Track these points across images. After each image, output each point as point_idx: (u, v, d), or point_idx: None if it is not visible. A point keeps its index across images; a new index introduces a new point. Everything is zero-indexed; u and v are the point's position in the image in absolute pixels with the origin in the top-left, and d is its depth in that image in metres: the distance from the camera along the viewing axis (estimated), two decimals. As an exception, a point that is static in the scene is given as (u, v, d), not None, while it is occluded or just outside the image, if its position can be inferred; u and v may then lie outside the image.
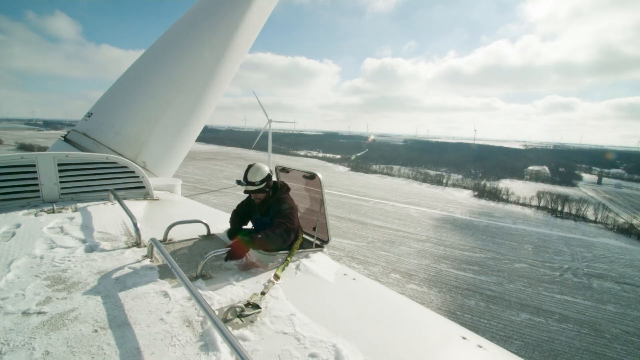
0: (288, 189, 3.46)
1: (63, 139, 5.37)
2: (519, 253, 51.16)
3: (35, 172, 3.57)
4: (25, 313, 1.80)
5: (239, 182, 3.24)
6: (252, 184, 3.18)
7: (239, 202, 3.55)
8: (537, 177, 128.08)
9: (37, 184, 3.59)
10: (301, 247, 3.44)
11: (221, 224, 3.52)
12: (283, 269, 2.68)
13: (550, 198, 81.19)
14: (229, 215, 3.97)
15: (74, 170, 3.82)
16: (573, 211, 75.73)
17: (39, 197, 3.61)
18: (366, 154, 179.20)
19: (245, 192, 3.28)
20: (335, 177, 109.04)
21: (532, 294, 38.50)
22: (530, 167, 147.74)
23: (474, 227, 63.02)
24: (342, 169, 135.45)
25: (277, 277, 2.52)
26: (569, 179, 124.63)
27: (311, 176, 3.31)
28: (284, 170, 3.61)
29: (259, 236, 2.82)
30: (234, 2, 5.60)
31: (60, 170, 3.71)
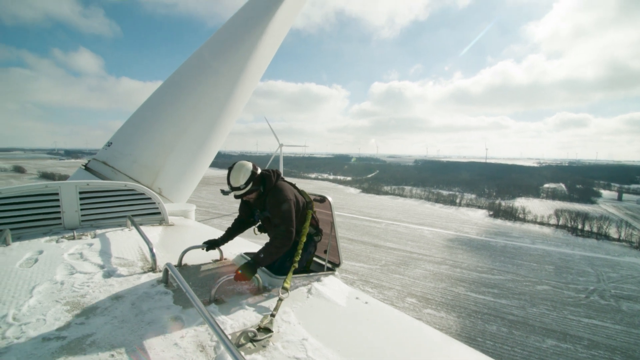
0: (278, 175, 3.23)
1: (84, 167, 5.61)
2: (540, 274, 49.15)
3: (58, 200, 3.74)
4: (46, 338, 1.85)
5: (223, 192, 3.02)
6: (238, 188, 2.97)
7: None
8: (553, 195, 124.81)
9: (59, 212, 3.74)
10: (312, 269, 3.44)
11: (234, 248, 3.57)
12: (290, 280, 2.66)
13: (569, 216, 78.66)
14: (241, 240, 3.99)
15: (94, 197, 3.97)
16: (594, 229, 73.00)
17: (60, 224, 3.75)
18: (377, 175, 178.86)
19: (235, 197, 3.07)
20: (346, 199, 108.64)
21: (557, 318, 36.61)
22: (546, 185, 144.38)
23: (490, 248, 61.21)
24: (353, 190, 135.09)
25: (285, 289, 2.51)
26: (588, 196, 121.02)
27: (321, 199, 3.36)
28: None
29: (261, 255, 2.77)
30: (247, 35, 5.91)
31: (81, 198, 3.87)
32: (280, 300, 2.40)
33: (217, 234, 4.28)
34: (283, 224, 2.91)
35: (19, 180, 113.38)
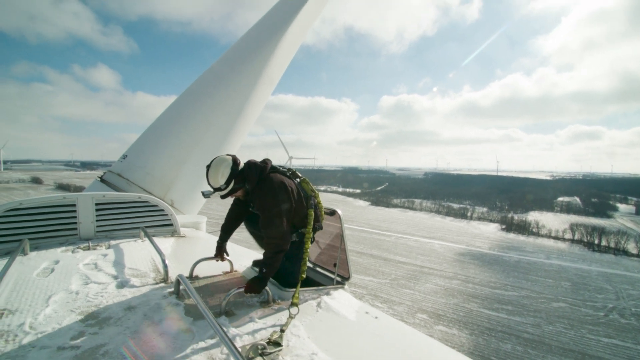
0: (262, 168, 2.81)
1: (99, 179, 5.77)
2: (556, 291, 47.62)
3: (75, 211, 3.85)
4: (61, 348, 1.89)
5: (204, 194, 2.75)
6: (219, 189, 2.66)
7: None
8: (568, 209, 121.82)
9: (75, 222, 3.85)
10: (321, 282, 3.42)
11: (244, 260, 3.59)
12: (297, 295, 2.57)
13: (585, 230, 76.45)
14: (251, 252, 4.00)
15: (110, 209, 4.08)
16: (612, 244, 70.71)
17: (76, 234, 3.85)
18: (386, 188, 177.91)
19: (222, 197, 2.75)
20: (355, 212, 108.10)
21: (575, 337, 35.23)
22: (560, 198, 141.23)
23: (503, 263, 59.76)
24: (363, 203, 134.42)
25: (294, 305, 2.46)
26: (604, 210, 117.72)
27: (331, 212, 3.37)
28: None
29: (264, 270, 2.62)
30: (259, 52, 6.09)
31: (97, 210, 3.98)
32: (291, 317, 2.36)
33: (229, 245, 4.32)
34: (266, 231, 2.67)
35: (36, 190, 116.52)
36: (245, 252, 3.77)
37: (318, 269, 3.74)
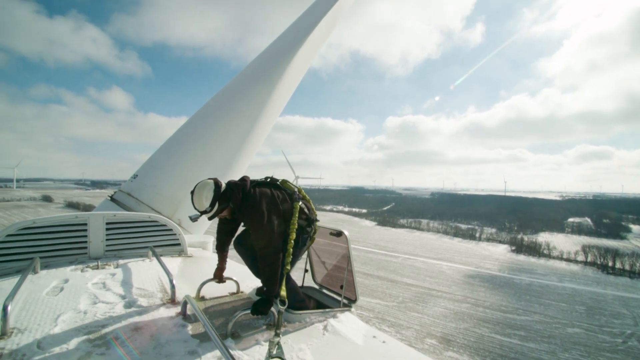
0: (242, 186, 2.90)
1: (110, 198, 5.86)
2: (570, 316, 45.90)
3: (86, 230, 3.91)
4: (68, 368, 1.90)
5: (192, 219, 2.78)
6: (205, 212, 2.74)
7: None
8: (579, 230, 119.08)
9: (86, 241, 3.90)
10: (327, 305, 3.39)
11: (250, 281, 3.58)
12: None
13: (598, 252, 74.40)
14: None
15: (119, 228, 4.13)
16: (627, 267, 68.54)
17: (86, 253, 3.90)
18: (393, 208, 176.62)
19: (209, 219, 2.84)
20: (361, 232, 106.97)
21: (592, 365, 33.65)
22: (571, 219, 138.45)
23: (514, 286, 58.08)
24: (369, 223, 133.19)
25: (282, 302, 2.46)
26: (616, 231, 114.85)
27: (338, 233, 3.38)
28: None
29: (265, 289, 2.67)
30: (268, 76, 6.29)
31: (107, 229, 4.03)
32: (280, 313, 2.39)
33: (234, 266, 4.32)
34: (257, 242, 2.75)
35: (46, 209, 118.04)
36: (251, 274, 3.77)
37: (325, 291, 3.71)
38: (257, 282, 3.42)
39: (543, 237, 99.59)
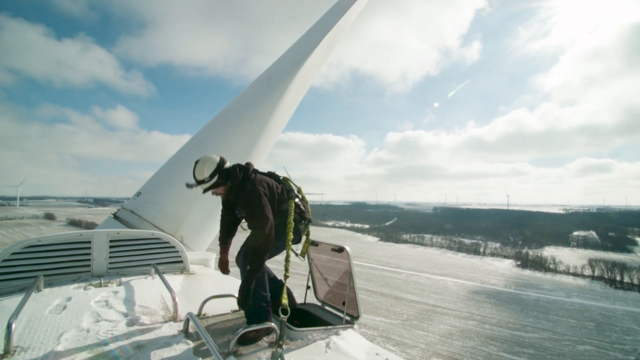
0: (245, 169, 3.01)
1: (113, 216, 5.91)
2: (580, 332, 44.73)
3: (90, 247, 3.93)
4: (71, 386, 1.89)
5: (188, 185, 2.87)
6: (202, 182, 2.82)
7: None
8: (585, 244, 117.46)
9: (89, 259, 3.92)
10: (329, 322, 3.37)
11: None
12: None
13: (606, 266, 73.15)
14: None
15: (123, 246, 4.16)
16: (635, 281, 67.15)
17: (89, 271, 3.91)
18: (395, 223, 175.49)
19: (204, 192, 2.92)
20: (364, 248, 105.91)
21: (605, 384, 32.55)
22: (576, 233, 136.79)
23: (521, 302, 56.93)
24: (371, 238, 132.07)
25: (284, 311, 2.51)
26: (622, 244, 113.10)
27: (339, 249, 3.39)
28: (313, 243, 3.73)
29: (248, 267, 2.72)
30: (270, 94, 6.45)
31: (111, 246, 4.06)
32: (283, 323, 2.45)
33: (236, 283, 4.31)
34: (250, 222, 2.78)
35: (48, 227, 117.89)
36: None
37: (327, 307, 3.69)
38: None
39: (548, 251, 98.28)
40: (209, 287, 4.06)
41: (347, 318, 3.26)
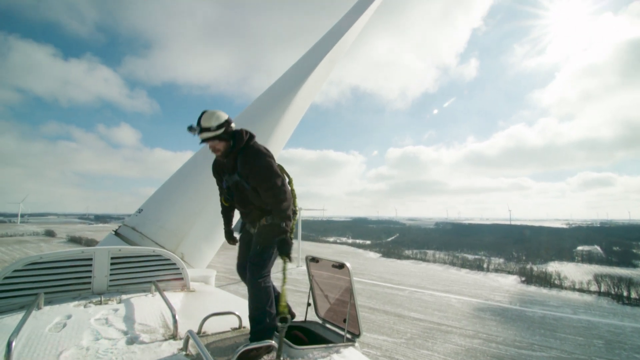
0: (251, 135, 2.99)
1: (114, 233, 5.92)
2: (589, 350, 43.50)
3: (91, 265, 3.94)
4: (71, 406, 1.88)
5: (190, 128, 2.79)
6: (207, 129, 2.75)
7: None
8: (589, 258, 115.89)
9: (90, 277, 3.92)
10: (329, 339, 3.33)
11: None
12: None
13: (612, 282, 71.86)
14: None
15: (124, 263, 4.16)
16: (643, 297, 65.88)
17: (89, 288, 3.90)
18: (397, 239, 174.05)
19: (202, 140, 2.83)
20: (366, 264, 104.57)
21: (617, 405, 31.41)
22: (580, 247, 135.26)
23: (527, 319, 55.66)
24: (373, 254, 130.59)
25: (283, 320, 2.53)
26: (628, 259, 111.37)
27: (340, 266, 3.39)
28: (314, 259, 3.73)
29: (284, 225, 2.77)
30: (271, 113, 6.56)
31: (112, 264, 4.06)
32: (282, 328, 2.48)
33: (236, 300, 4.28)
34: (270, 182, 2.75)
35: (48, 244, 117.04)
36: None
37: (327, 325, 3.66)
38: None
39: (553, 267, 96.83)
40: (210, 304, 4.03)
41: (348, 336, 3.23)
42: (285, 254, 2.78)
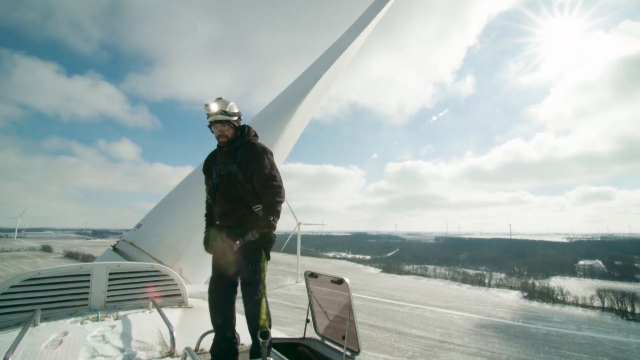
0: (256, 134, 3.15)
1: (112, 248, 5.87)
2: (594, 368, 42.60)
3: (89, 280, 3.90)
4: None
5: (207, 106, 2.84)
6: (224, 112, 2.83)
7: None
8: (591, 273, 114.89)
9: (87, 292, 3.88)
10: (328, 357, 3.28)
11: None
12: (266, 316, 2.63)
13: (615, 297, 70.94)
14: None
15: (122, 279, 4.12)
16: (647, 312, 64.89)
17: (86, 305, 3.85)
18: (397, 254, 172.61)
19: (213, 122, 2.86)
20: (366, 280, 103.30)
21: None
22: (581, 262, 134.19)
23: (531, 336, 54.65)
24: (373, 270, 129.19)
25: (264, 334, 2.47)
26: (630, 274, 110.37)
27: (339, 281, 3.37)
28: (313, 275, 3.71)
29: (271, 218, 2.75)
30: (270, 129, 6.64)
31: (110, 279, 4.03)
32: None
33: (236, 316, 4.22)
34: (270, 180, 2.81)
35: (44, 259, 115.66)
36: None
37: (326, 342, 3.61)
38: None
39: (555, 282, 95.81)
40: (207, 321, 3.98)
41: (347, 353, 3.18)
42: (265, 249, 2.75)
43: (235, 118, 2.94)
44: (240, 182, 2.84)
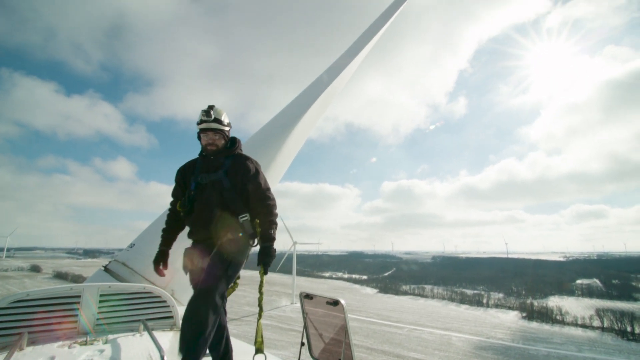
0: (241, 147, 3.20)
1: (104, 268, 5.74)
2: (597, 392, 41.52)
3: (79, 302, 3.78)
4: None
5: (204, 112, 2.83)
6: (218, 121, 2.84)
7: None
8: (589, 292, 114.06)
9: (76, 315, 3.75)
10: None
11: (243, 356, 3.41)
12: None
13: (614, 317, 70.14)
14: (248, 347, 3.71)
15: (113, 300, 4.01)
16: (647, 332, 64.04)
17: (75, 328, 3.72)
18: (394, 273, 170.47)
19: (205, 129, 2.84)
20: (363, 301, 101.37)
21: None
22: (579, 281, 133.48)
23: (531, 358, 53.49)
24: (370, 290, 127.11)
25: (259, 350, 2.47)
26: (628, 292, 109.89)
27: (334, 302, 3.32)
28: (308, 296, 3.65)
29: (272, 232, 2.75)
30: (266, 148, 6.70)
31: (100, 301, 3.91)
32: None
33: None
34: (265, 193, 2.87)
35: (32, 280, 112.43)
36: (246, 348, 3.60)
37: (322, 366, 3.52)
38: (247, 358, 3.25)
39: (553, 301, 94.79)
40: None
41: None
42: (266, 264, 2.68)
43: (228, 129, 2.98)
44: (225, 189, 2.78)
